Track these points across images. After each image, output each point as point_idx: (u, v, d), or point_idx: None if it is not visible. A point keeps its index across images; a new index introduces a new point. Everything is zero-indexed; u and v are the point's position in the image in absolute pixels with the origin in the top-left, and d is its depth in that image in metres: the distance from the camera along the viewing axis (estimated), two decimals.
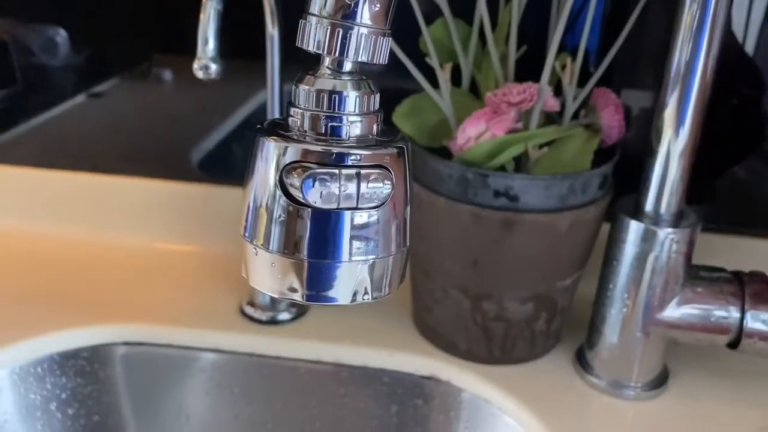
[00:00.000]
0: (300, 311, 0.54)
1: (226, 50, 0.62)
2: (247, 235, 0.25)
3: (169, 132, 0.67)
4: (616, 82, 0.51)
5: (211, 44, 0.37)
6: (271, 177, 0.24)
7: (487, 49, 0.45)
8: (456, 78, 0.47)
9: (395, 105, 0.47)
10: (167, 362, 0.53)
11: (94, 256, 0.61)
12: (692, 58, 0.40)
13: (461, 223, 0.44)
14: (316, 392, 0.52)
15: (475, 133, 0.43)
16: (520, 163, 0.44)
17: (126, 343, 0.52)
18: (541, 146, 0.44)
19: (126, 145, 0.66)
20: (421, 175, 0.45)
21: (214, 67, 0.37)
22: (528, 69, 0.46)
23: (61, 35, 0.72)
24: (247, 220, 0.25)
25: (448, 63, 0.45)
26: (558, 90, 0.45)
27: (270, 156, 0.24)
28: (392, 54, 0.47)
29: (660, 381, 0.48)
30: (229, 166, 0.66)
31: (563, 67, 0.44)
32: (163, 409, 0.53)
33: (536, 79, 0.44)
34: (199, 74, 0.37)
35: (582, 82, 0.45)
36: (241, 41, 0.57)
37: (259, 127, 0.25)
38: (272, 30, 0.43)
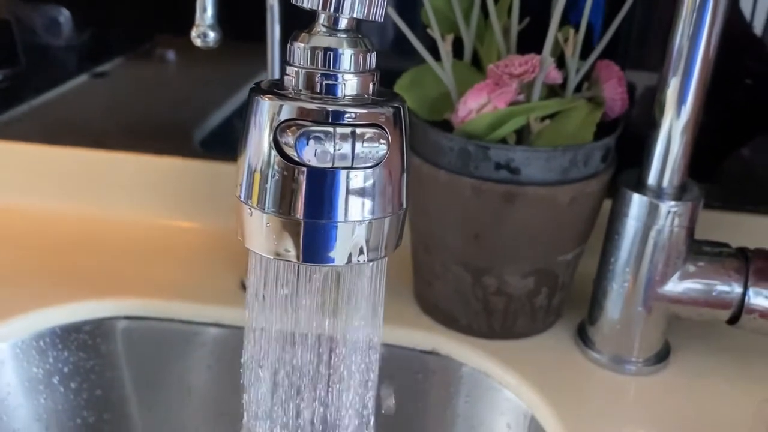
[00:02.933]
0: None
1: (228, 30, 0.62)
2: (242, 195, 0.25)
3: (171, 110, 0.67)
4: (620, 57, 0.50)
5: (209, 12, 0.36)
6: (266, 136, 0.23)
7: (490, 21, 0.45)
8: (458, 50, 0.46)
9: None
10: (169, 336, 0.53)
11: (97, 232, 0.61)
12: (695, 34, 0.40)
13: (462, 197, 0.44)
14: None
15: (476, 106, 0.43)
16: (522, 136, 0.44)
17: (127, 317, 0.52)
18: (543, 119, 0.43)
19: (129, 123, 0.66)
20: (422, 148, 0.45)
21: (212, 34, 0.37)
22: (531, 42, 0.45)
23: (64, 15, 0.72)
24: (242, 181, 0.25)
25: (449, 34, 0.44)
26: (561, 63, 0.45)
27: (265, 114, 0.23)
28: (395, 28, 0.47)
29: (661, 356, 0.47)
30: (231, 143, 0.66)
31: (566, 39, 0.43)
32: (164, 382, 0.54)
33: (539, 52, 0.43)
34: (197, 42, 0.37)
35: (586, 56, 0.45)
36: (243, 20, 0.57)
37: (254, 86, 0.24)
38: (272, 0, 0.42)
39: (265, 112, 0.23)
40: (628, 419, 0.43)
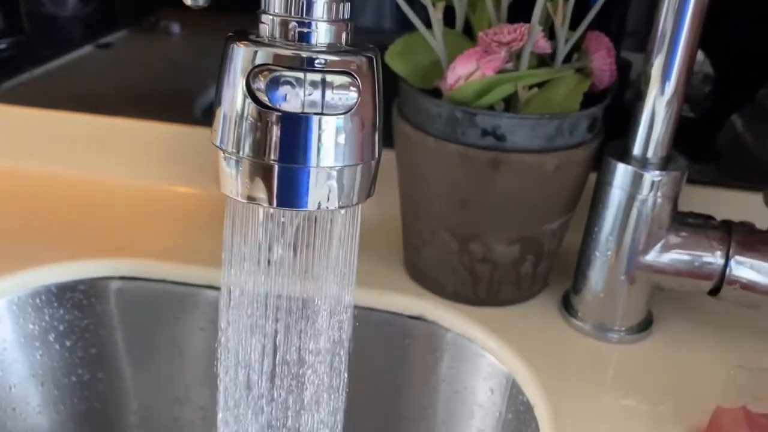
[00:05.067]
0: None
1: (230, 2, 0.63)
2: (218, 141, 0.25)
3: (173, 80, 0.68)
4: (612, 29, 0.51)
5: None
6: (240, 81, 0.24)
7: None
8: (450, 19, 0.47)
9: None
10: (162, 298, 0.54)
11: (95, 195, 0.62)
12: (680, 8, 0.40)
13: (449, 163, 0.44)
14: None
15: (465, 73, 0.43)
16: (510, 104, 0.45)
17: (122, 278, 0.53)
18: (530, 87, 0.44)
19: (130, 92, 0.67)
20: (412, 115, 0.46)
21: None
22: (523, 12, 0.46)
23: None
24: (217, 126, 0.25)
25: (440, 2, 0.45)
26: (552, 34, 0.45)
27: (238, 60, 0.24)
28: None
29: (644, 326, 0.48)
30: None
31: (555, 8, 0.44)
32: (157, 343, 0.55)
33: (528, 18, 0.43)
34: (188, 2, 0.37)
35: (576, 27, 0.45)
36: None
37: (230, 33, 0.25)
38: None
39: (240, 57, 0.24)
40: (610, 385, 0.44)
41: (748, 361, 0.46)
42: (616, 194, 0.44)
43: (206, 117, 0.65)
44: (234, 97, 0.24)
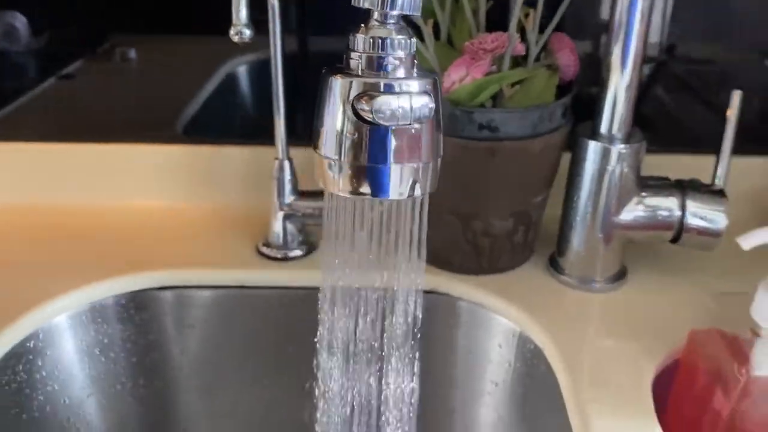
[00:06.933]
0: (310, 248, 0.61)
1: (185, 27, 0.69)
2: (323, 151, 0.33)
3: (144, 103, 0.73)
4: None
5: (243, 12, 0.43)
6: (342, 104, 0.31)
7: (461, 4, 0.53)
8: (435, 32, 0.54)
9: None
10: (200, 301, 0.59)
11: (107, 220, 0.67)
12: (630, 8, 0.49)
13: (453, 155, 0.52)
14: None
15: (458, 77, 0.51)
16: (496, 101, 0.53)
17: (161, 288, 0.59)
18: (512, 85, 0.52)
19: (104, 116, 0.72)
20: None
21: (247, 32, 0.44)
22: (494, 20, 0.54)
23: (21, 20, 0.75)
24: (321, 139, 0.32)
25: (429, 19, 0.52)
26: (522, 37, 0.54)
27: (339, 89, 0.31)
28: None
29: (620, 275, 0.57)
30: (212, 127, 0.73)
31: (526, 15, 0.52)
32: (203, 343, 0.60)
33: (501, 28, 0.52)
34: (235, 38, 0.44)
35: (541, 29, 0.54)
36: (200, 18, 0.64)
37: (325, 70, 0.32)
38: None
39: (340, 87, 0.31)
40: (596, 325, 0.53)
41: (712, 294, 0.55)
42: (590, 167, 0.53)
43: (188, 133, 0.70)
44: (337, 117, 0.31)
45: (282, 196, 0.58)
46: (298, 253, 0.60)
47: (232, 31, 0.44)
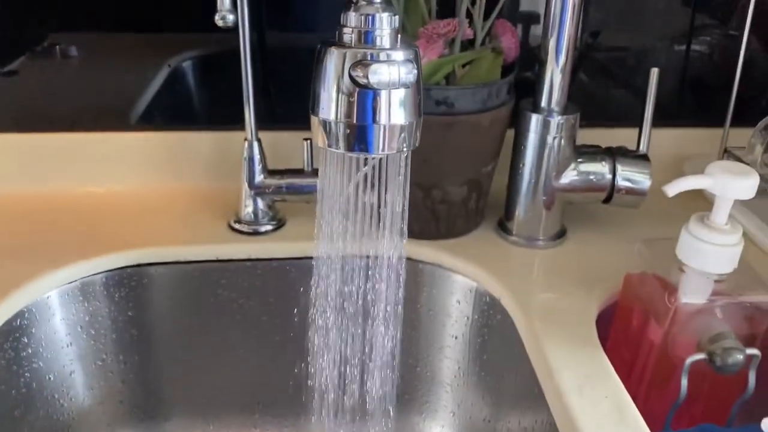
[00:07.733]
0: (279, 224, 0.66)
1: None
2: (320, 113, 0.38)
3: (91, 96, 0.74)
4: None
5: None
6: (339, 72, 0.36)
7: None
8: None
9: None
10: (180, 276, 0.63)
11: (85, 204, 0.69)
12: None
13: None
14: (303, 283, 0.64)
15: None
16: (449, 80, 0.59)
17: (139, 265, 0.62)
18: (463, 65, 0.58)
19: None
20: None
21: (230, 17, 0.48)
22: (444, 8, 0.60)
23: None
24: (318, 102, 0.37)
25: None
26: (470, 23, 0.60)
27: (335, 59, 0.36)
28: None
29: (561, 234, 0.65)
30: (167, 115, 0.75)
31: (473, 3, 0.59)
32: (181, 317, 0.64)
33: (450, 15, 0.58)
34: (220, 23, 0.48)
35: (487, 15, 0.60)
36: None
37: (321, 44, 0.37)
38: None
39: (336, 56, 0.36)
40: (544, 276, 0.60)
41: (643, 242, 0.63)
42: (532, 137, 0.60)
43: (142, 123, 0.73)
44: (334, 82, 0.37)
45: (252, 174, 0.63)
46: (268, 228, 0.65)
47: (216, 17, 0.48)
